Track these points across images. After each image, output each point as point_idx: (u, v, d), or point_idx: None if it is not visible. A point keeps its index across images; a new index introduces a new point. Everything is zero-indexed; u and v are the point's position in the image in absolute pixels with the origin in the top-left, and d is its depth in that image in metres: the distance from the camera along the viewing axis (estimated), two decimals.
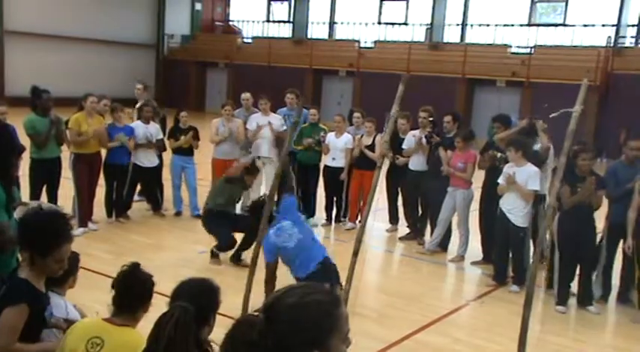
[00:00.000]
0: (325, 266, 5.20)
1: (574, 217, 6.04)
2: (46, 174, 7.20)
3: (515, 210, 6.51)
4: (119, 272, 2.70)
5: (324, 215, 8.96)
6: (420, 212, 8.32)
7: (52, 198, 7.25)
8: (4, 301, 2.72)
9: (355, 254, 2.77)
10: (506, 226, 6.57)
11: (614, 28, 20.94)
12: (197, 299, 2.28)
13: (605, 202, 6.32)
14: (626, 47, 20.88)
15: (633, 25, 21.27)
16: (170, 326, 2.09)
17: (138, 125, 8.32)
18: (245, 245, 6.82)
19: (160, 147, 8.59)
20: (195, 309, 2.18)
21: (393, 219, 8.78)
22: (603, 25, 21.34)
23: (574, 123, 2.78)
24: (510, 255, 6.75)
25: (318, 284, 1.65)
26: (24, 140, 7.03)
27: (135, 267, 2.72)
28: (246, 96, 9.40)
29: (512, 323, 5.81)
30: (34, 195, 7.06)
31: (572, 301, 6.25)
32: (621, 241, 6.15)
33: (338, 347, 1.57)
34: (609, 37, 20.22)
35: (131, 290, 2.66)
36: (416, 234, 8.32)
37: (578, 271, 6.24)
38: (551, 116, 3.43)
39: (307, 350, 1.52)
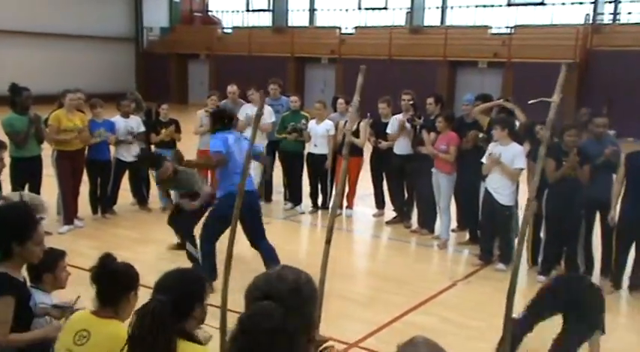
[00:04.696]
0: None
1: (561, 192, 6.12)
2: (27, 173, 7.15)
3: (500, 189, 6.57)
4: (91, 267, 2.71)
5: (310, 202, 8.99)
6: (406, 195, 8.36)
7: None
8: None
9: (328, 242, 2.79)
10: (492, 205, 6.63)
11: (592, 5, 21.04)
12: (177, 290, 2.26)
13: None
14: (605, 24, 20.98)
15: (610, 2, 21.38)
16: (147, 320, 2.12)
17: (118, 120, 8.26)
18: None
19: (142, 141, 8.52)
20: (176, 300, 2.19)
21: (380, 203, 8.82)
22: (581, 3, 21.44)
23: (553, 113, 2.74)
24: (496, 234, 6.83)
25: (293, 267, 1.82)
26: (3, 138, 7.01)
27: (103, 261, 2.72)
28: (232, 89, 9.31)
29: (499, 301, 5.84)
30: None
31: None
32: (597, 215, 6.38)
33: (317, 323, 1.84)
34: (587, 14, 20.32)
35: (105, 283, 2.67)
36: (402, 217, 8.37)
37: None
38: (529, 102, 3.44)
39: (309, 326, 1.75)
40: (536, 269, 6.48)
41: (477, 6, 23.48)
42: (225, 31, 28.51)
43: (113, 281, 2.68)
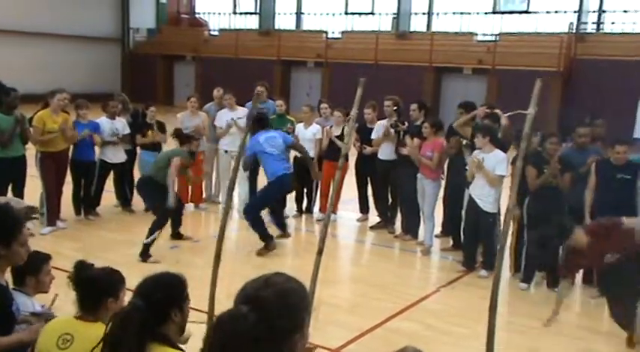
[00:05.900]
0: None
1: (541, 200, 6.18)
2: (11, 173, 7.07)
3: (483, 195, 6.60)
4: (68, 275, 2.69)
5: (294, 206, 8.99)
6: (390, 200, 8.39)
7: (19, 196, 7.12)
8: None
9: (320, 253, 2.78)
10: (475, 212, 6.67)
11: (576, 14, 21.29)
12: (155, 294, 2.26)
13: None
14: (588, 33, 21.24)
15: (594, 11, 21.65)
16: (122, 322, 2.14)
17: (103, 121, 8.20)
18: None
19: (127, 142, 8.46)
20: (152, 304, 2.20)
21: (364, 208, 8.84)
22: (565, 12, 21.68)
23: (529, 127, 2.75)
24: (480, 241, 6.88)
25: (285, 274, 1.75)
26: None
27: (78, 268, 2.70)
28: (218, 93, 9.26)
29: (482, 307, 5.88)
30: (0, 194, 6.93)
31: (542, 285, 6.42)
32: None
33: (306, 331, 1.69)
34: (571, 23, 20.55)
35: (81, 290, 2.66)
36: (386, 222, 8.40)
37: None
38: (506, 115, 3.48)
39: (293, 334, 1.63)
40: (519, 277, 6.54)
41: (462, 13, 23.66)
42: (211, 33, 28.43)
43: (89, 288, 2.66)
